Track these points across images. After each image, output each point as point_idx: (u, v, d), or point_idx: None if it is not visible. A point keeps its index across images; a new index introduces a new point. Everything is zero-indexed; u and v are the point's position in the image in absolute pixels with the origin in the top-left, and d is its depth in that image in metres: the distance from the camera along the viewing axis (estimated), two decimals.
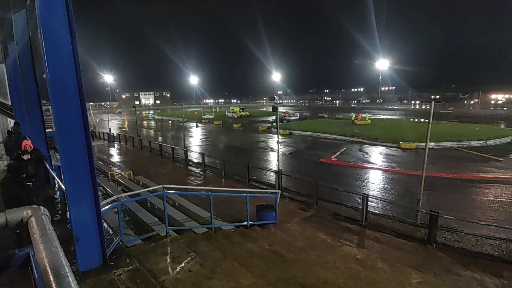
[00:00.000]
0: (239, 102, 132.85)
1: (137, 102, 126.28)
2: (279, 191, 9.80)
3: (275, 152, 19.73)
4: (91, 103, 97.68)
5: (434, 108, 8.84)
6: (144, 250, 5.36)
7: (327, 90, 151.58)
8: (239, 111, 60.18)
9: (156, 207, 9.28)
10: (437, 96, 78.14)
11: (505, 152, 20.24)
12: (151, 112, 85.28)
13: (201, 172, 15.41)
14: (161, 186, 6.61)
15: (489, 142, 23.43)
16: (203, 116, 54.15)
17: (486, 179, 14.63)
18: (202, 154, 16.43)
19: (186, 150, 18.47)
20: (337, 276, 5.25)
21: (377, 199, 11.32)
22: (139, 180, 13.09)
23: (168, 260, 5.06)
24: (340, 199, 10.78)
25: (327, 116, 53.77)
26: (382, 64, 67.87)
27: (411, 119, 44.09)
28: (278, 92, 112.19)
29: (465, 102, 75.69)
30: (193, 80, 79.82)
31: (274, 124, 36.13)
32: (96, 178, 4.44)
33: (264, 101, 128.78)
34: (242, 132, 36.89)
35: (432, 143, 21.61)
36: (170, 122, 54.73)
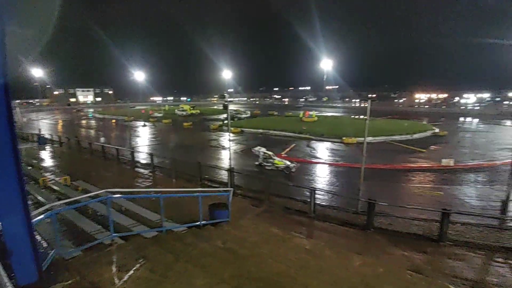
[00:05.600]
0: (189, 100, 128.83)
1: (73, 100, 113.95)
2: (232, 189, 9.84)
3: (227, 150, 19.69)
4: (18, 100, 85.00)
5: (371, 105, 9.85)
6: (85, 262, 4.93)
7: (277, 89, 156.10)
8: (190, 109, 58.43)
9: (99, 213, 8.57)
10: (374, 95, 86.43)
11: (427, 144, 23.44)
12: (91, 110, 77.79)
13: (150, 173, 14.65)
14: (104, 190, 6.14)
15: (414, 136, 26.90)
16: (151, 115, 51.29)
17: (412, 168, 16.77)
18: (151, 154, 15.63)
19: (132, 151, 17.36)
20: (289, 267, 5.52)
21: (323, 192, 12.14)
22: (77, 185, 11.90)
23: (114, 269, 4.75)
24: (291, 194, 11.30)
25: (276, 113, 55.47)
26: (326, 64, 71.89)
27: (352, 116, 48.04)
28: (229, 90, 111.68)
29: (395, 100, 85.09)
30: (139, 76, 74.74)
31: (226, 122, 35.99)
32: (24, 185, 3.94)
33: (215, 99, 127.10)
34: (193, 131, 35.99)
35: (370, 138, 23.89)
36: (113, 121, 50.66)
